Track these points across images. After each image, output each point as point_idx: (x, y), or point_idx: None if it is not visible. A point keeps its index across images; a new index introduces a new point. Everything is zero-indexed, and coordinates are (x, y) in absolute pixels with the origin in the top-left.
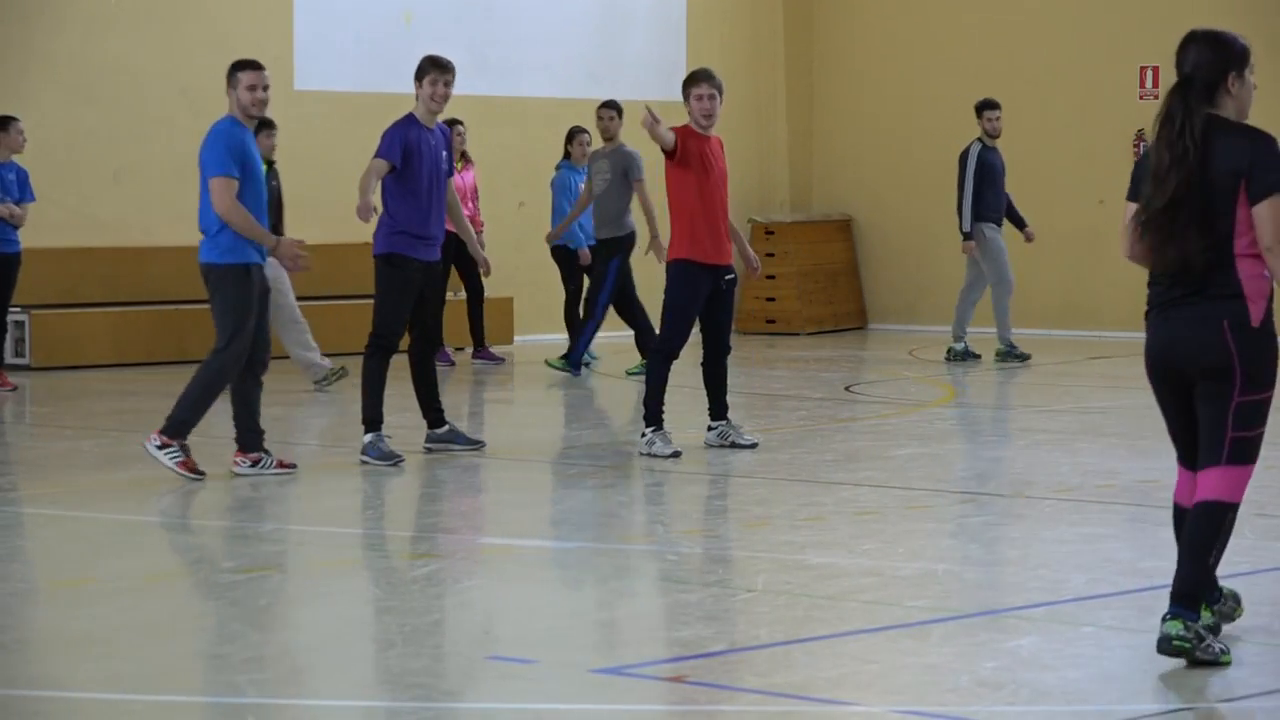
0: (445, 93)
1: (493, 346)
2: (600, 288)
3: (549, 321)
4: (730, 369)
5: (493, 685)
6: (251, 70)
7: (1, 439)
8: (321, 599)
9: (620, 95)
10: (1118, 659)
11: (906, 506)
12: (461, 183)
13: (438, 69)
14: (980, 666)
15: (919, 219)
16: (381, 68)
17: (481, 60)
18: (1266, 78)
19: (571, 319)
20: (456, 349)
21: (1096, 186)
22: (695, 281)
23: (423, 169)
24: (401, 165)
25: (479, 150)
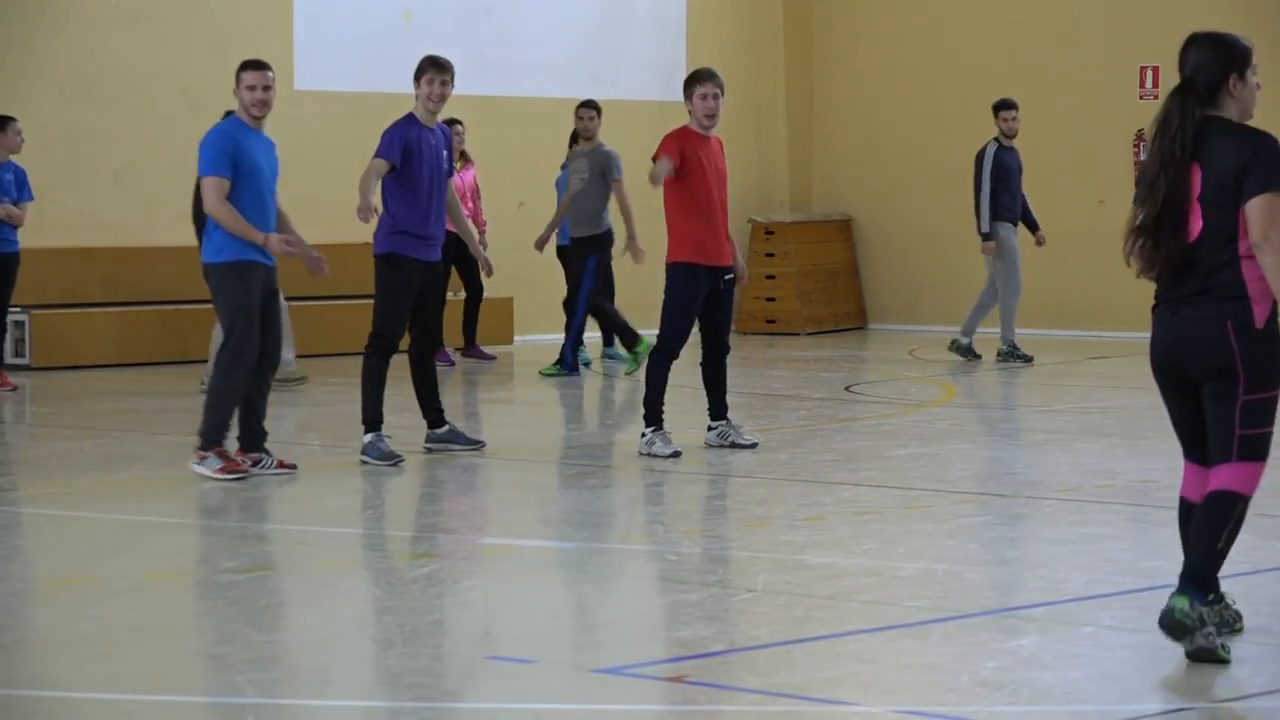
0: (442, 92)
1: (494, 347)
2: (579, 287)
3: (549, 321)
4: (730, 369)
5: (493, 685)
6: (253, 70)
7: (1, 439)
8: (321, 599)
9: (620, 95)
10: (1118, 659)
11: (906, 506)
12: (461, 182)
13: (435, 68)
14: (980, 666)
15: (919, 219)
16: (381, 68)
17: (481, 60)
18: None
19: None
20: (456, 349)
21: (1096, 186)
22: (695, 282)
23: (423, 169)
24: (401, 165)
25: (479, 150)
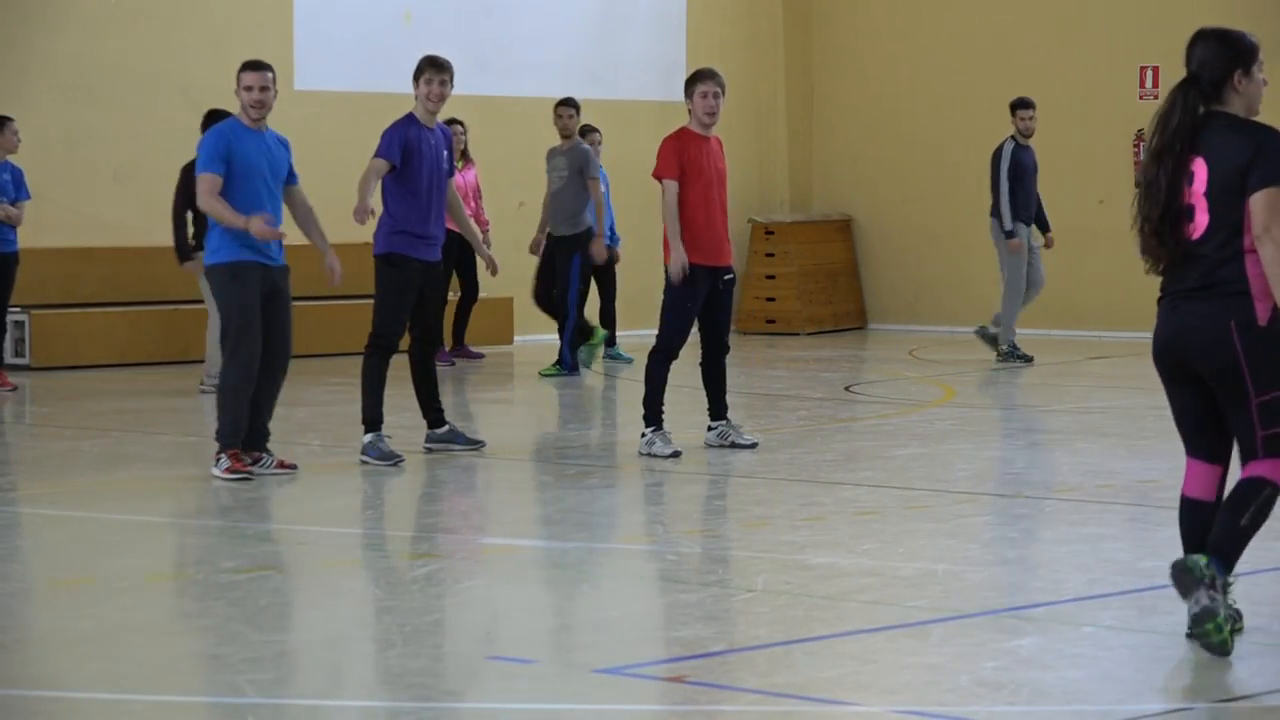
0: (441, 92)
1: (493, 347)
2: (567, 286)
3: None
4: (730, 369)
5: (493, 685)
6: (251, 71)
7: (1, 439)
8: (322, 599)
9: (620, 95)
10: (1118, 659)
11: (906, 506)
12: (463, 182)
13: (435, 68)
14: (980, 666)
15: (919, 219)
16: (381, 68)
17: (481, 60)
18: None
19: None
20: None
21: (1096, 186)
22: (695, 282)
23: (423, 168)
24: (401, 165)
25: (479, 150)
